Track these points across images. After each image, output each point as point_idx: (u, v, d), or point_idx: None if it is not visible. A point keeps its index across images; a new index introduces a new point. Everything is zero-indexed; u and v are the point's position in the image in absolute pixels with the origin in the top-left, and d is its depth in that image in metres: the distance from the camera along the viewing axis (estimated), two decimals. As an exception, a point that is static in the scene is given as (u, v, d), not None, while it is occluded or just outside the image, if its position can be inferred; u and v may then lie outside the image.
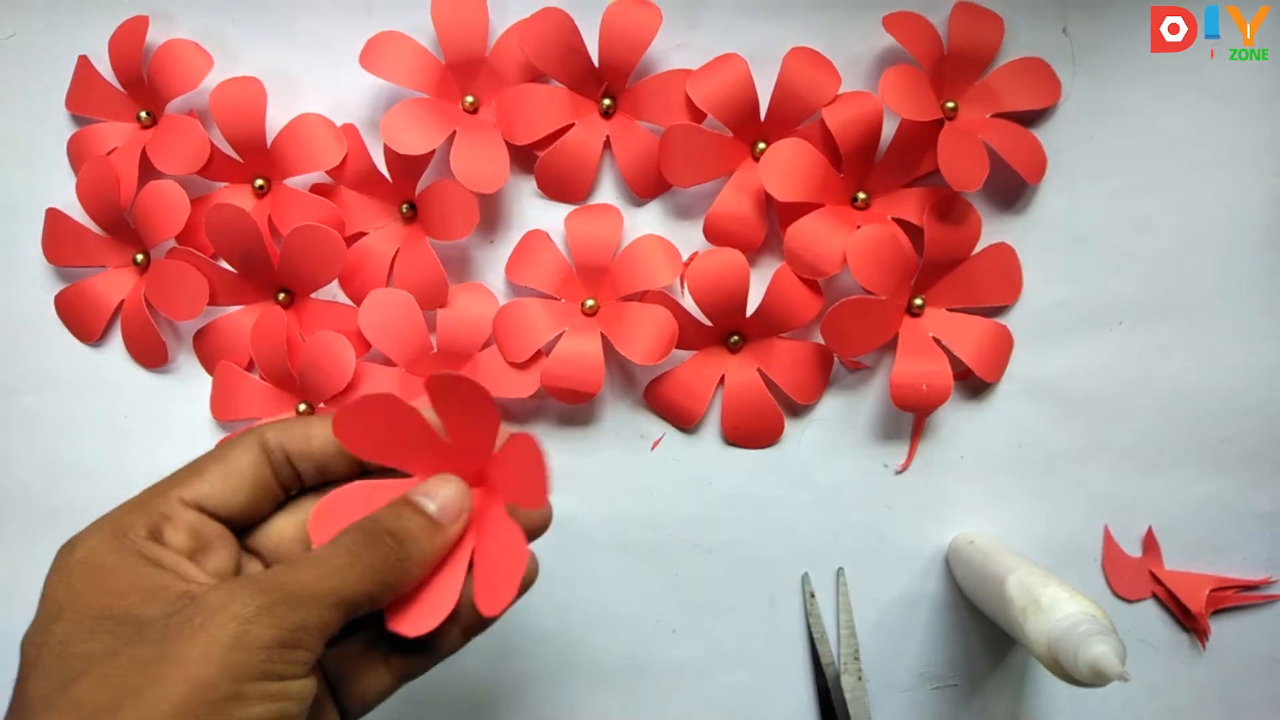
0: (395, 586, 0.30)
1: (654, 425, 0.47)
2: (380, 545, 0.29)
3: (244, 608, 0.25)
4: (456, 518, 0.31)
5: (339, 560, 0.28)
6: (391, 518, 0.30)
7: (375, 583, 0.29)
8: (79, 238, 0.47)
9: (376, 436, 0.31)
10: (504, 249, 0.46)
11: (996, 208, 0.45)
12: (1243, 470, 0.46)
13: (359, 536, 0.29)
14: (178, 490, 0.30)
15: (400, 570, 0.29)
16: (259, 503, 0.32)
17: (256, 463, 0.31)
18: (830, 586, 0.47)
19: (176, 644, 0.25)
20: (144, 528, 0.29)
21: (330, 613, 0.27)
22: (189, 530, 0.30)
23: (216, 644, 0.25)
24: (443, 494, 0.31)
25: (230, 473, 0.31)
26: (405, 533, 0.30)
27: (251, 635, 0.25)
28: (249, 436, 0.32)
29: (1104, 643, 0.34)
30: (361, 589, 0.28)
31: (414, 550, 0.30)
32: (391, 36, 0.44)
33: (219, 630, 0.25)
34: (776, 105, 0.43)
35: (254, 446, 0.31)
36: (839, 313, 0.42)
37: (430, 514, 0.31)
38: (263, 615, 0.26)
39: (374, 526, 0.30)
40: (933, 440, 0.46)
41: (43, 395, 0.48)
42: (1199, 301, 0.45)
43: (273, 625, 0.26)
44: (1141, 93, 0.45)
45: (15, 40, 0.48)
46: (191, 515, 0.30)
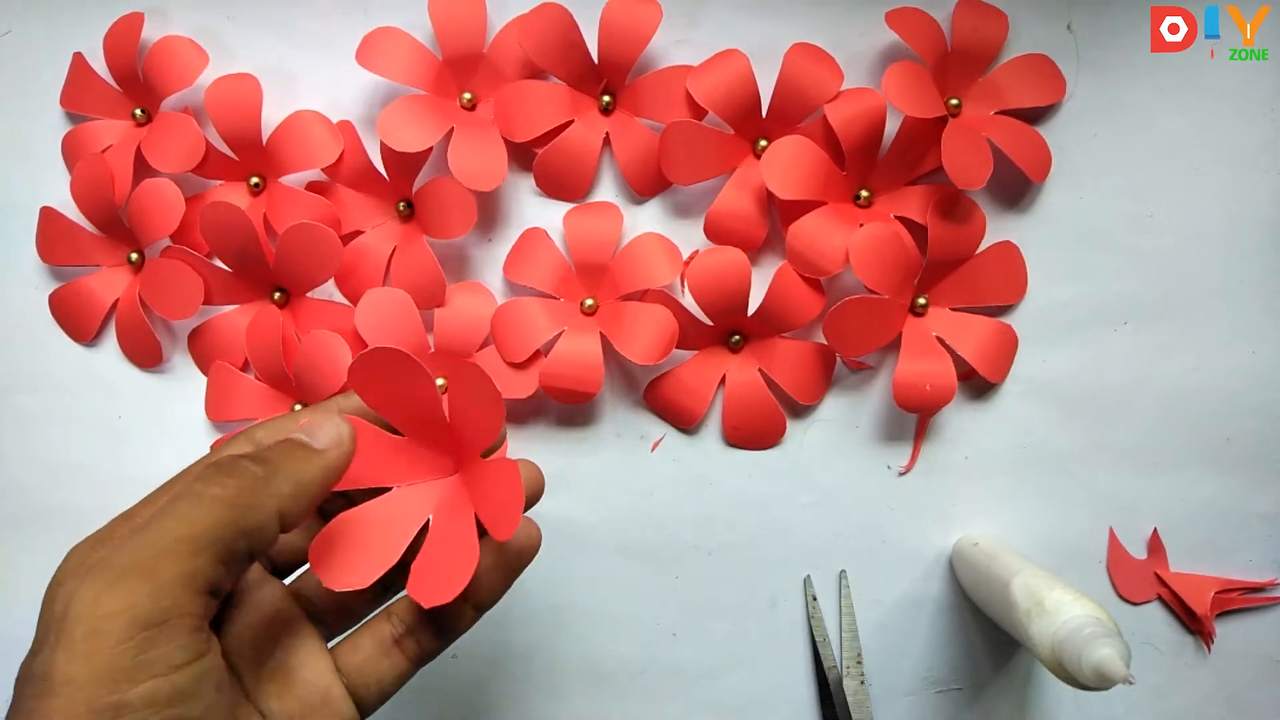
0: (264, 508, 0.26)
1: (654, 426, 0.46)
2: (232, 469, 0.26)
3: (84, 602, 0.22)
4: (337, 445, 0.29)
5: (181, 504, 0.25)
6: (245, 447, 0.29)
7: (234, 508, 0.25)
8: (73, 236, 0.47)
9: (388, 389, 0.31)
10: (502, 247, 0.46)
11: (1001, 206, 0.45)
12: (1247, 471, 0.46)
13: (202, 471, 0.26)
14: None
15: (268, 489, 0.26)
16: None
17: None
18: (832, 589, 0.47)
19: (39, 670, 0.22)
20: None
21: (190, 562, 0.23)
22: None
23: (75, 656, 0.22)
24: (319, 426, 0.29)
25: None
26: (266, 454, 0.27)
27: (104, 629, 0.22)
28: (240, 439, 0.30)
29: (1108, 645, 0.34)
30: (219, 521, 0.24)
31: (281, 465, 0.27)
32: (388, 32, 0.44)
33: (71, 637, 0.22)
34: (778, 102, 0.43)
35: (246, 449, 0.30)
36: (841, 312, 0.42)
37: (297, 439, 0.29)
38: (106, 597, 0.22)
39: (223, 459, 0.27)
40: (936, 441, 0.46)
41: (37, 395, 0.48)
42: (1202, 301, 0.45)
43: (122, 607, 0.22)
44: (1142, 92, 0.45)
45: (10, 37, 0.47)
46: None
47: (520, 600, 0.47)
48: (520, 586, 0.47)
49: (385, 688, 0.31)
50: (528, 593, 0.47)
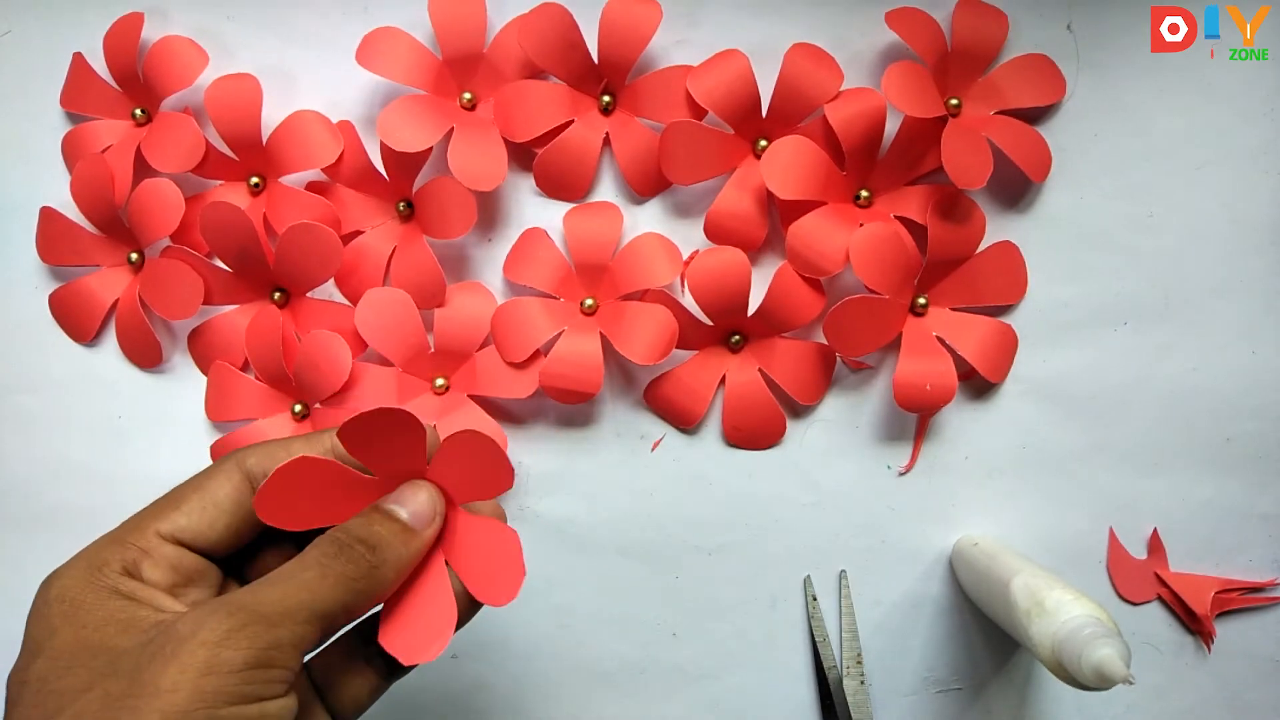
0: (371, 595, 0.29)
1: (654, 426, 0.46)
2: (352, 554, 0.29)
3: (213, 632, 0.25)
4: (430, 522, 0.31)
5: (309, 574, 0.28)
6: (362, 526, 0.29)
7: (349, 592, 0.28)
8: (73, 236, 0.47)
9: (301, 505, 0.30)
10: (502, 247, 0.46)
11: (1001, 206, 0.45)
12: (1248, 471, 0.46)
13: (329, 548, 0.29)
14: (154, 524, 0.29)
15: (375, 578, 0.29)
16: (240, 533, 0.31)
17: (237, 491, 0.30)
18: (832, 589, 0.46)
19: (148, 673, 0.25)
20: (119, 564, 0.28)
21: (304, 628, 0.27)
22: (168, 565, 0.29)
23: (188, 671, 0.24)
24: (414, 500, 0.31)
25: (208, 504, 0.30)
26: (378, 539, 0.29)
27: (223, 659, 0.25)
28: (229, 463, 0.31)
29: (1109, 645, 0.34)
30: (335, 600, 0.28)
31: (388, 556, 0.29)
32: (388, 32, 0.44)
33: (189, 657, 0.25)
34: (778, 102, 0.43)
35: (234, 474, 0.31)
36: (841, 312, 0.42)
37: (403, 520, 0.30)
38: (233, 637, 0.25)
39: (345, 536, 0.29)
40: (936, 441, 0.46)
41: (37, 395, 0.48)
42: (1202, 301, 0.45)
43: (244, 647, 0.25)
44: (1142, 92, 0.45)
45: (10, 37, 0.47)
46: (170, 550, 0.29)
47: (520, 600, 0.46)
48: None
49: (361, 703, 0.32)
50: (528, 592, 0.47)
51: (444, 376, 0.45)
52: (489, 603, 0.30)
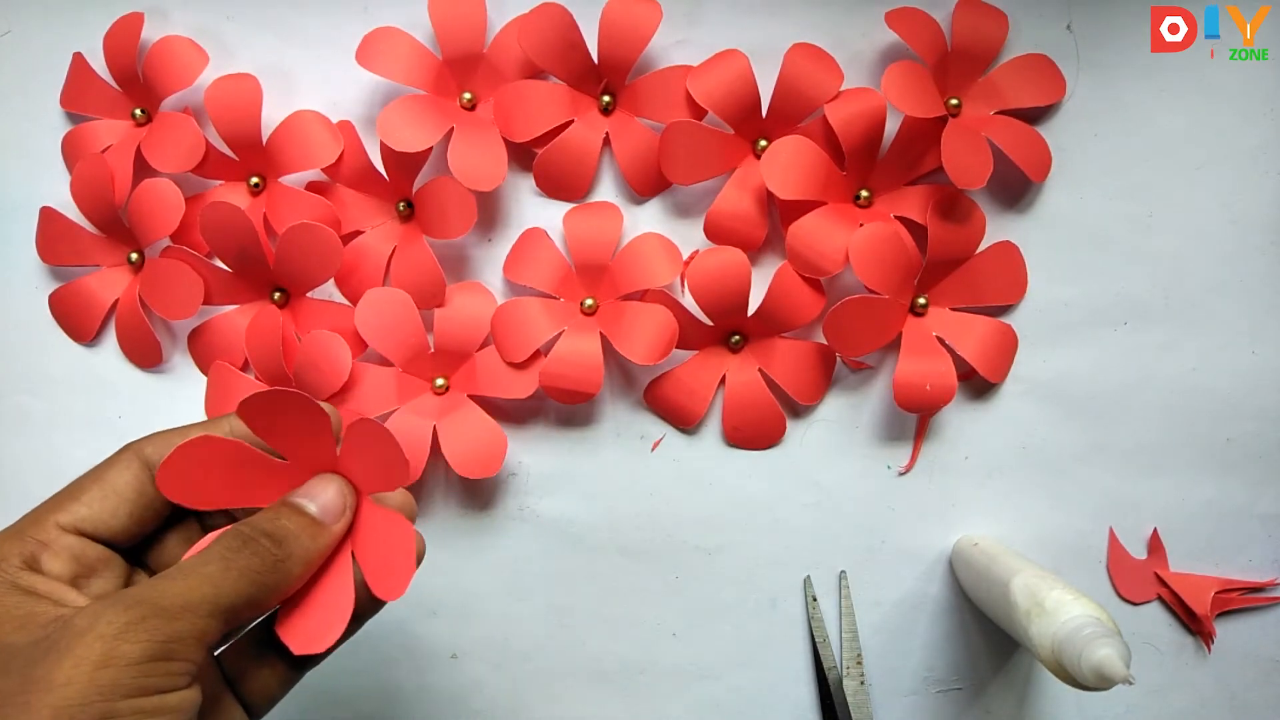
0: (277, 589, 0.29)
1: (654, 426, 0.46)
2: (257, 548, 0.28)
3: (110, 625, 0.25)
4: (339, 516, 0.31)
5: (211, 567, 0.27)
6: (269, 520, 0.29)
7: (254, 585, 0.28)
8: (73, 236, 0.47)
9: (207, 484, 0.30)
10: (502, 247, 0.46)
11: (1001, 206, 0.45)
12: (1248, 471, 0.46)
13: (233, 541, 0.28)
14: (53, 516, 0.29)
15: (280, 572, 0.29)
16: (143, 521, 0.31)
17: (137, 479, 0.30)
18: (832, 589, 0.46)
19: (42, 669, 0.24)
20: (18, 557, 0.28)
21: (206, 621, 0.26)
22: (69, 556, 0.29)
23: (83, 664, 0.24)
24: (324, 493, 0.31)
25: (109, 493, 0.30)
26: (284, 533, 0.29)
27: (120, 651, 0.24)
28: (126, 452, 0.31)
29: (1108, 646, 0.34)
30: (238, 594, 0.27)
31: (295, 549, 0.29)
32: (388, 32, 0.44)
33: (85, 650, 0.24)
34: (778, 102, 0.43)
35: (132, 462, 0.30)
36: (841, 312, 0.42)
37: (312, 514, 0.30)
38: (131, 630, 0.25)
39: (250, 530, 0.29)
40: (936, 441, 0.46)
41: (36, 395, 0.48)
42: (1203, 301, 0.45)
43: (143, 640, 0.25)
44: (1142, 92, 0.45)
45: (10, 37, 0.47)
46: (71, 540, 0.29)
47: (520, 600, 0.47)
48: (520, 586, 0.47)
49: (272, 693, 0.32)
50: (528, 592, 0.47)
51: (444, 376, 0.45)
52: (379, 595, 0.30)
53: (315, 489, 0.31)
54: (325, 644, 0.30)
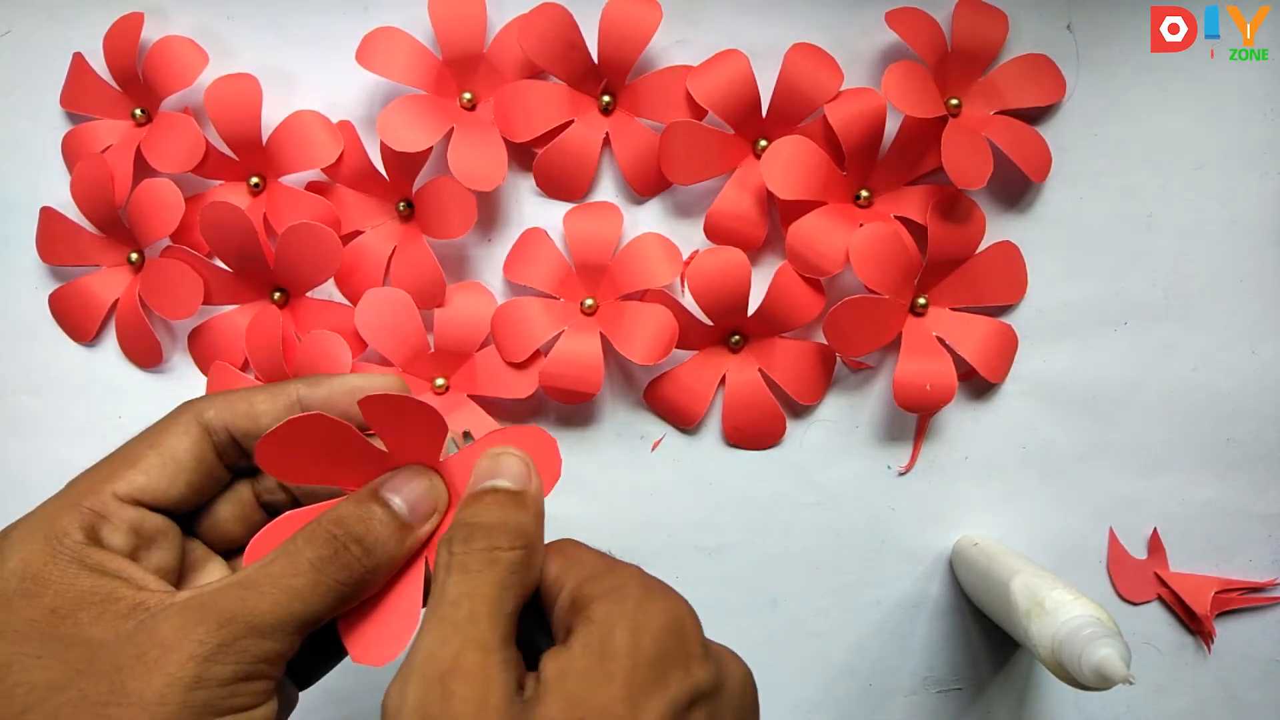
0: (359, 598, 0.28)
1: (654, 426, 0.46)
2: (346, 557, 0.27)
3: (203, 645, 0.24)
4: (427, 517, 0.29)
5: (302, 580, 0.26)
6: (358, 520, 0.27)
7: (340, 598, 0.27)
8: (73, 236, 0.47)
9: (307, 460, 0.28)
10: (502, 247, 0.46)
11: (1001, 206, 0.45)
12: (1248, 471, 0.46)
13: (324, 548, 0.27)
14: (109, 485, 0.28)
15: (366, 582, 0.27)
16: (202, 489, 0.29)
17: (197, 445, 0.29)
18: (832, 588, 0.46)
19: (132, 680, 0.24)
20: (79, 531, 0.26)
21: (294, 639, 0.26)
22: (129, 528, 0.27)
23: (175, 685, 0.24)
24: (412, 489, 0.29)
25: (168, 460, 0.28)
26: (374, 540, 0.27)
27: (213, 673, 0.24)
28: (185, 416, 0.29)
29: (1108, 645, 0.34)
30: (326, 608, 0.26)
31: (381, 559, 0.28)
32: (388, 32, 0.44)
33: (178, 669, 0.24)
34: (778, 102, 0.43)
35: (192, 428, 0.29)
36: (841, 312, 0.42)
37: (400, 514, 0.28)
38: (224, 651, 0.24)
39: (341, 533, 0.27)
40: (936, 441, 0.46)
41: (36, 395, 0.48)
42: (1203, 301, 0.45)
43: (233, 661, 0.24)
44: (1142, 92, 0.45)
45: (10, 37, 0.47)
46: (130, 512, 0.28)
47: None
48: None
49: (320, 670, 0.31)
50: (528, 593, 0.47)
51: (444, 376, 0.45)
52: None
53: (403, 482, 0.29)
54: (390, 657, 0.28)
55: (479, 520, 0.27)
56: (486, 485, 0.28)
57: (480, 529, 0.27)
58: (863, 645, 0.46)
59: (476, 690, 0.24)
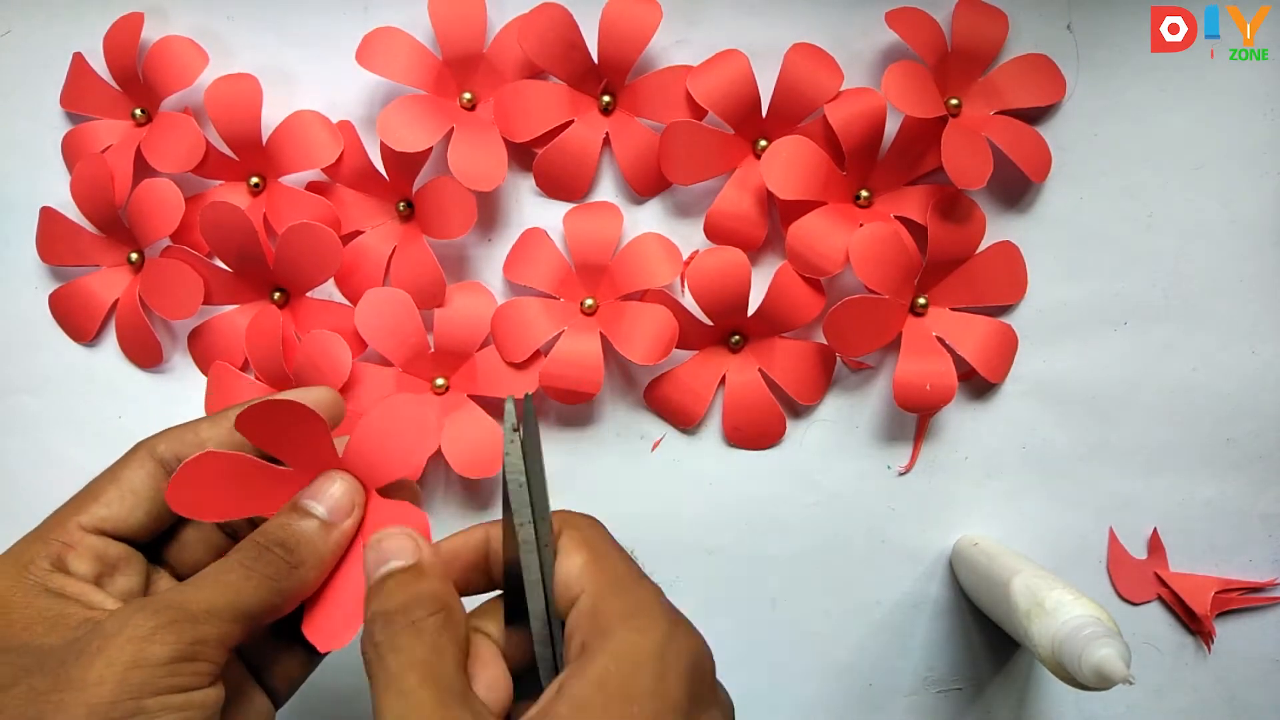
0: (295, 593, 0.30)
1: (654, 426, 0.46)
2: (271, 557, 0.29)
3: (139, 628, 0.26)
4: (348, 513, 0.31)
5: (232, 575, 0.29)
6: (279, 528, 0.30)
7: (273, 592, 0.29)
8: (73, 236, 0.47)
9: (216, 496, 0.31)
10: (502, 247, 0.46)
11: (1001, 206, 0.45)
12: (1248, 471, 0.46)
13: (251, 550, 0.29)
14: (75, 517, 0.30)
15: (296, 577, 0.30)
16: (160, 518, 0.32)
17: (151, 478, 0.31)
18: (831, 588, 0.46)
19: (75, 669, 0.26)
20: (46, 559, 0.29)
21: (229, 626, 0.28)
22: (93, 556, 0.30)
23: (114, 665, 0.25)
24: (329, 493, 0.31)
25: (125, 492, 0.31)
26: (295, 539, 0.30)
27: (149, 653, 0.26)
28: (139, 452, 0.32)
29: (1109, 646, 0.34)
30: (259, 600, 0.29)
31: (307, 555, 0.30)
32: (388, 32, 0.44)
33: (116, 652, 0.26)
34: (778, 102, 0.43)
35: (146, 462, 0.31)
36: (841, 312, 0.42)
37: (320, 516, 0.31)
38: (159, 633, 0.26)
39: (263, 539, 0.30)
40: (936, 441, 0.46)
41: (36, 395, 0.48)
42: (1203, 301, 0.45)
43: (170, 642, 0.26)
44: (1142, 92, 0.45)
45: (10, 37, 0.47)
46: (94, 540, 0.30)
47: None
48: (520, 586, 0.47)
49: (294, 680, 0.33)
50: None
51: (444, 376, 0.45)
52: None
53: (321, 488, 0.31)
54: (346, 639, 0.30)
55: (390, 606, 0.29)
56: (381, 573, 0.30)
57: (394, 613, 0.28)
58: (863, 645, 0.46)
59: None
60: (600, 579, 0.29)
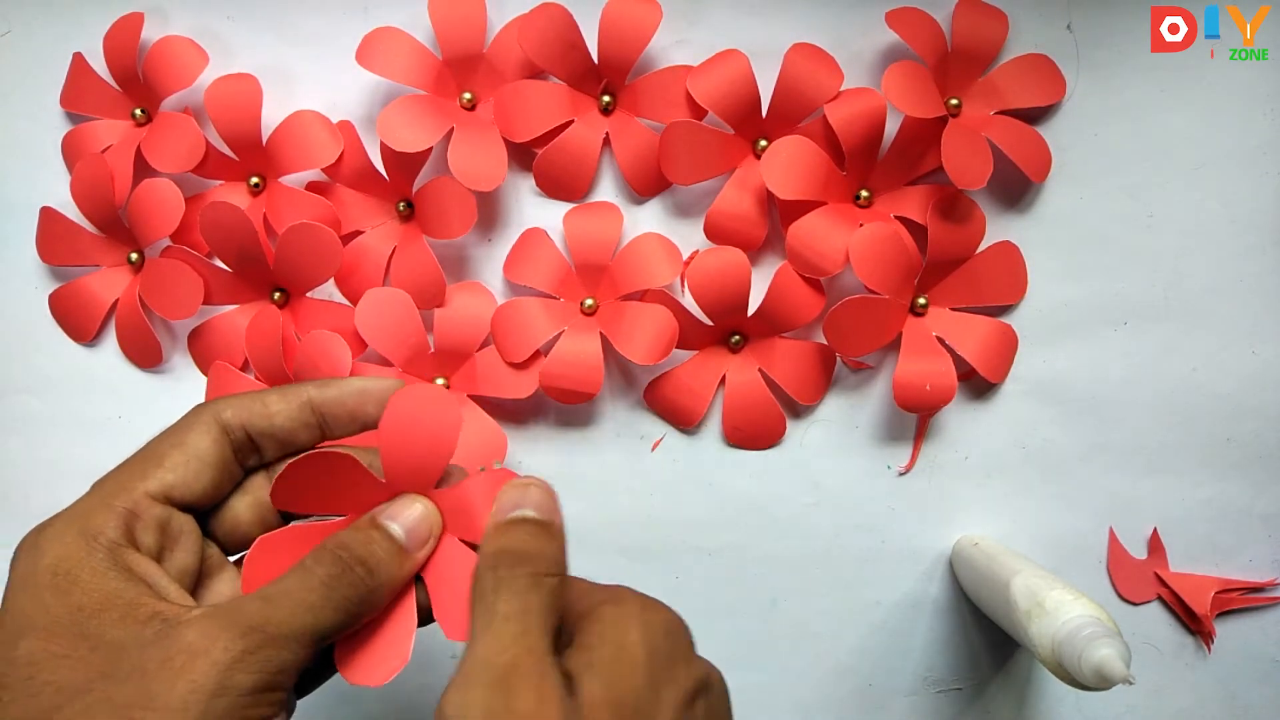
0: (364, 616, 0.29)
1: (654, 426, 0.46)
2: (353, 577, 0.28)
3: (226, 652, 0.25)
4: (424, 543, 0.31)
5: (315, 595, 0.28)
6: (361, 544, 0.29)
7: (348, 615, 0.28)
8: (73, 236, 0.47)
9: (315, 491, 0.30)
10: (502, 247, 0.46)
11: (1001, 206, 0.45)
12: (1248, 471, 0.46)
13: (332, 567, 0.28)
14: (140, 484, 0.29)
15: (370, 601, 0.29)
16: (221, 485, 0.31)
17: (217, 444, 0.30)
18: (832, 588, 0.46)
19: (156, 684, 0.25)
20: (115, 530, 0.28)
21: (307, 651, 0.27)
22: (157, 527, 0.29)
23: (199, 692, 0.25)
24: (408, 516, 0.30)
25: (191, 458, 0.30)
26: (376, 561, 0.29)
27: (234, 681, 0.25)
28: (205, 416, 0.30)
29: (1108, 646, 0.34)
30: (336, 624, 0.28)
31: (384, 579, 0.29)
32: (388, 32, 0.44)
33: (201, 676, 0.25)
34: (778, 102, 0.43)
35: (212, 427, 0.30)
36: (841, 312, 0.42)
37: (398, 539, 0.30)
38: (245, 660, 0.25)
39: (346, 555, 0.29)
40: (936, 441, 0.46)
41: (36, 395, 0.48)
42: (1203, 301, 0.45)
43: (254, 671, 0.25)
44: (1142, 92, 0.45)
45: (10, 37, 0.47)
46: (159, 510, 0.29)
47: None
48: (520, 586, 0.47)
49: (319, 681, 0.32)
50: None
51: (444, 376, 0.45)
52: (450, 637, 0.30)
53: (401, 509, 0.31)
54: (382, 680, 0.30)
55: (518, 547, 0.28)
56: (516, 515, 0.29)
57: (522, 555, 0.28)
58: (863, 645, 0.46)
59: (535, 689, 0.25)
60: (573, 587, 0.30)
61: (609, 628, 0.27)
